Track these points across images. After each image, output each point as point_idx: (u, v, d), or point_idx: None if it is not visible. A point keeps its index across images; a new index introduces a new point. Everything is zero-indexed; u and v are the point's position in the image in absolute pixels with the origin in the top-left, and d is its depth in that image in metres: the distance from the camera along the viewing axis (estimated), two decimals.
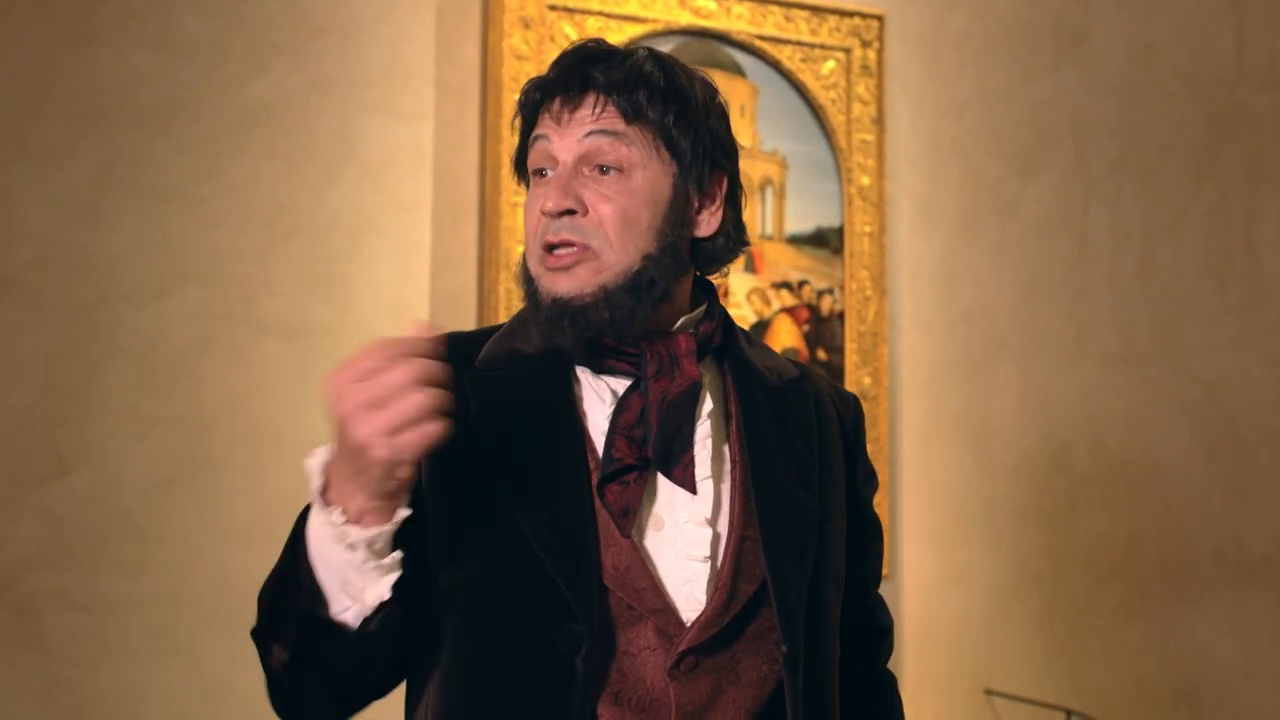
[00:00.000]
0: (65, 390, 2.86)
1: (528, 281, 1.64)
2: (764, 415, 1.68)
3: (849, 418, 1.81)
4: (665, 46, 3.37)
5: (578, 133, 1.61)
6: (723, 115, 1.72)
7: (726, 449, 1.66)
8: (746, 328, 3.38)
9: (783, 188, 3.49)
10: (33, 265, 2.84)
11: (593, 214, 1.60)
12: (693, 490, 1.59)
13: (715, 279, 1.76)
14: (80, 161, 2.88)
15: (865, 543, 1.80)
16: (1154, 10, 4.07)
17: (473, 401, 1.62)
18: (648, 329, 1.62)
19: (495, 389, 1.65)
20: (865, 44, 3.59)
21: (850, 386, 3.52)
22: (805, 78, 3.51)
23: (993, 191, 3.82)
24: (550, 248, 1.60)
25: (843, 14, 3.57)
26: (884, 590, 3.65)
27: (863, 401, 3.48)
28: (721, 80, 3.41)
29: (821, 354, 3.50)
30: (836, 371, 3.51)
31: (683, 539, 1.60)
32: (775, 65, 3.50)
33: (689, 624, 1.56)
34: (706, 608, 1.57)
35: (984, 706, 3.67)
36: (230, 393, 2.95)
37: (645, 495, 1.60)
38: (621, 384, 1.65)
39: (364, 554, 1.45)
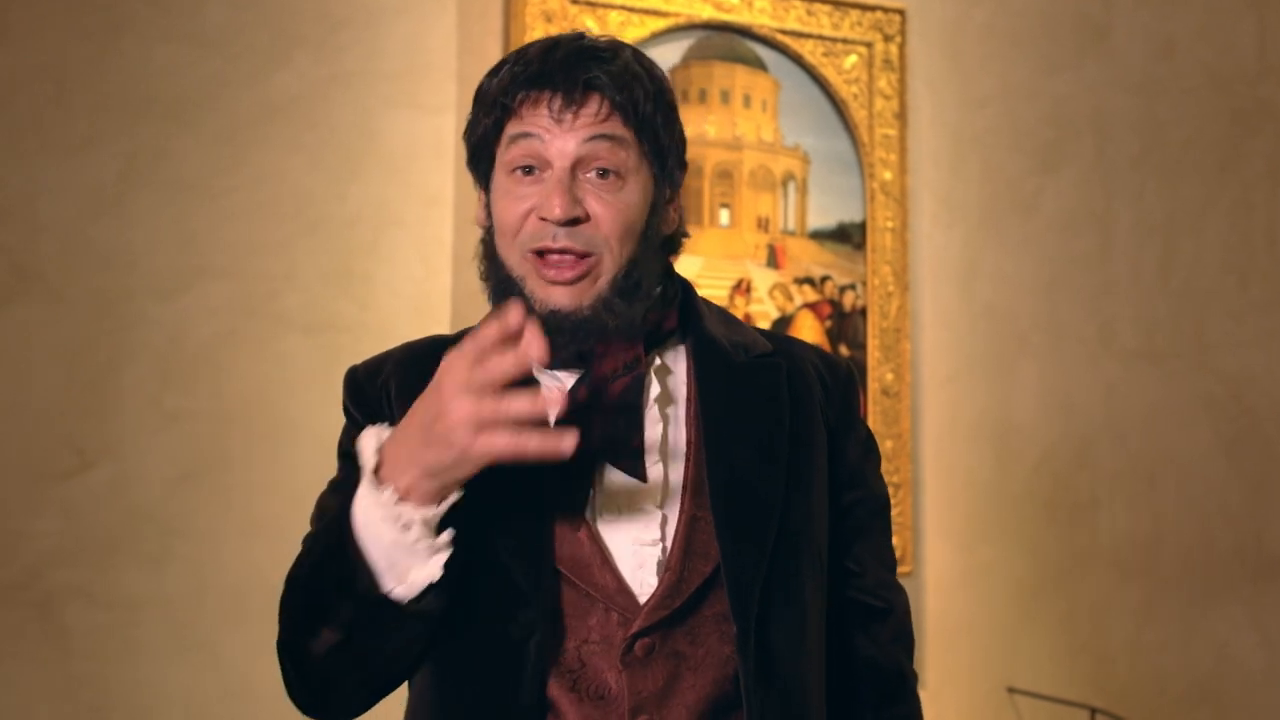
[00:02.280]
0: (87, 385, 2.85)
1: (507, 281, 1.62)
2: (724, 393, 1.66)
3: (837, 388, 1.77)
4: (687, 41, 3.37)
5: (580, 135, 1.59)
6: (679, 116, 1.72)
7: (681, 431, 1.65)
8: (769, 323, 3.39)
9: (805, 183, 3.48)
10: (55, 258, 2.83)
11: (595, 221, 1.59)
12: (641, 477, 1.59)
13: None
14: (103, 154, 2.87)
15: (862, 517, 1.75)
16: (1175, 5, 4.05)
17: None
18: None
19: None
20: (887, 38, 3.57)
21: (872, 383, 3.51)
22: (827, 72, 3.50)
23: (1014, 187, 3.81)
24: (544, 253, 1.59)
25: (865, 8, 3.55)
26: (906, 588, 3.63)
27: (885, 397, 3.50)
28: (743, 75, 3.41)
29: (844, 349, 3.48)
30: (859, 367, 3.50)
31: (634, 525, 1.59)
32: (797, 60, 3.48)
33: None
34: (656, 590, 1.57)
35: (1006, 704, 3.65)
36: (252, 387, 2.94)
37: (596, 484, 1.60)
38: (571, 376, 1.64)
39: (418, 532, 1.46)
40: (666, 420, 1.65)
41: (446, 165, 3.11)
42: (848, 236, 3.52)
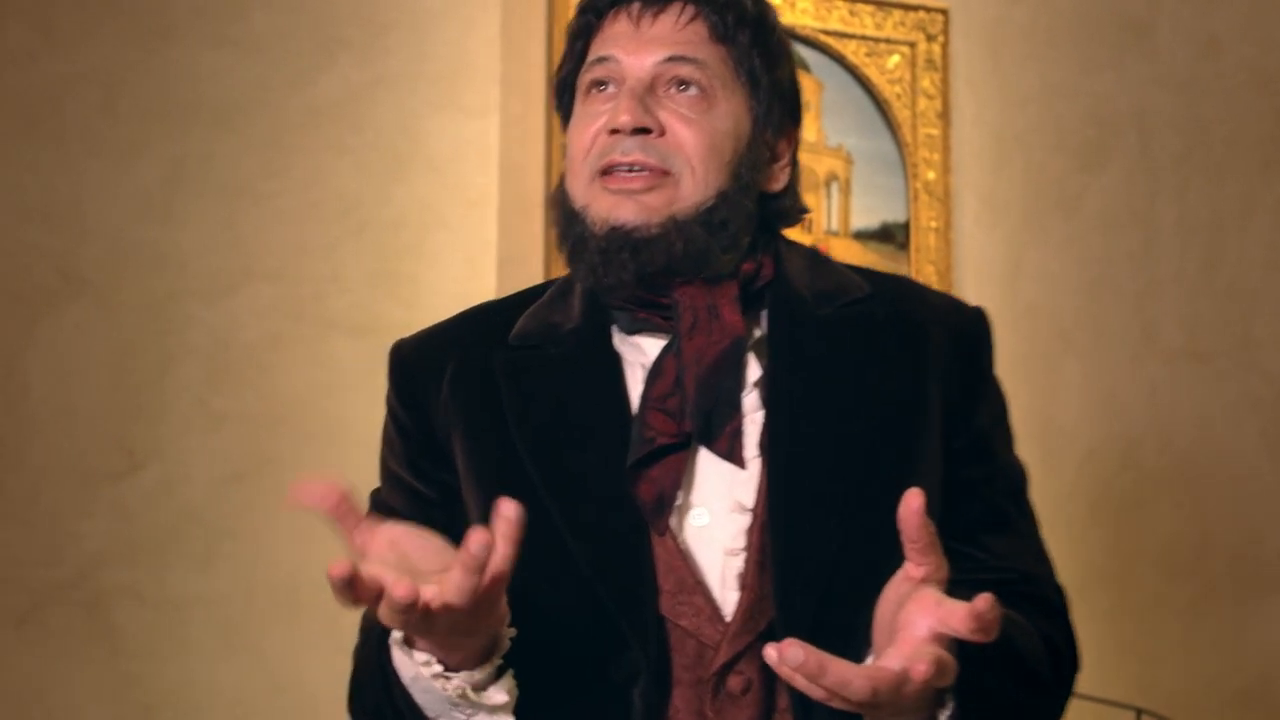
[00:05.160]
0: (136, 387, 2.88)
1: (570, 216, 1.43)
2: (795, 358, 1.41)
3: (963, 340, 1.52)
4: None
5: (657, 49, 1.41)
6: (794, 68, 1.53)
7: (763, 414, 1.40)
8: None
9: (848, 183, 3.48)
10: (104, 262, 2.86)
11: (671, 136, 1.40)
12: (740, 463, 1.35)
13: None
14: (151, 159, 2.90)
15: (994, 501, 1.47)
16: (1218, 3, 4.03)
17: (504, 388, 1.43)
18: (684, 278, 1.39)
19: (530, 372, 1.44)
20: (930, 38, 3.57)
21: None
22: (870, 72, 3.50)
23: (1057, 186, 3.79)
24: (610, 170, 1.39)
25: (907, 8, 3.55)
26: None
27: None
28: None
29: None
30: None
31: (725, 530, 1.36)
32: (840, 60, 3.48)
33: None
34: (735, 611, 1.34)
35: None
36: (299, 389, 2.96)
37: (685, 479, 1.36)
38: (656, 344, 1.42)
39: (470, 693, 1.25)
40: (758, 404, 1.41)
41: (490, 167, 3.13)
42: (891, 236, 3.52)
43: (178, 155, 2.92)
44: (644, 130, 1.38)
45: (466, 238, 3.10)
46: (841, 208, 3.47)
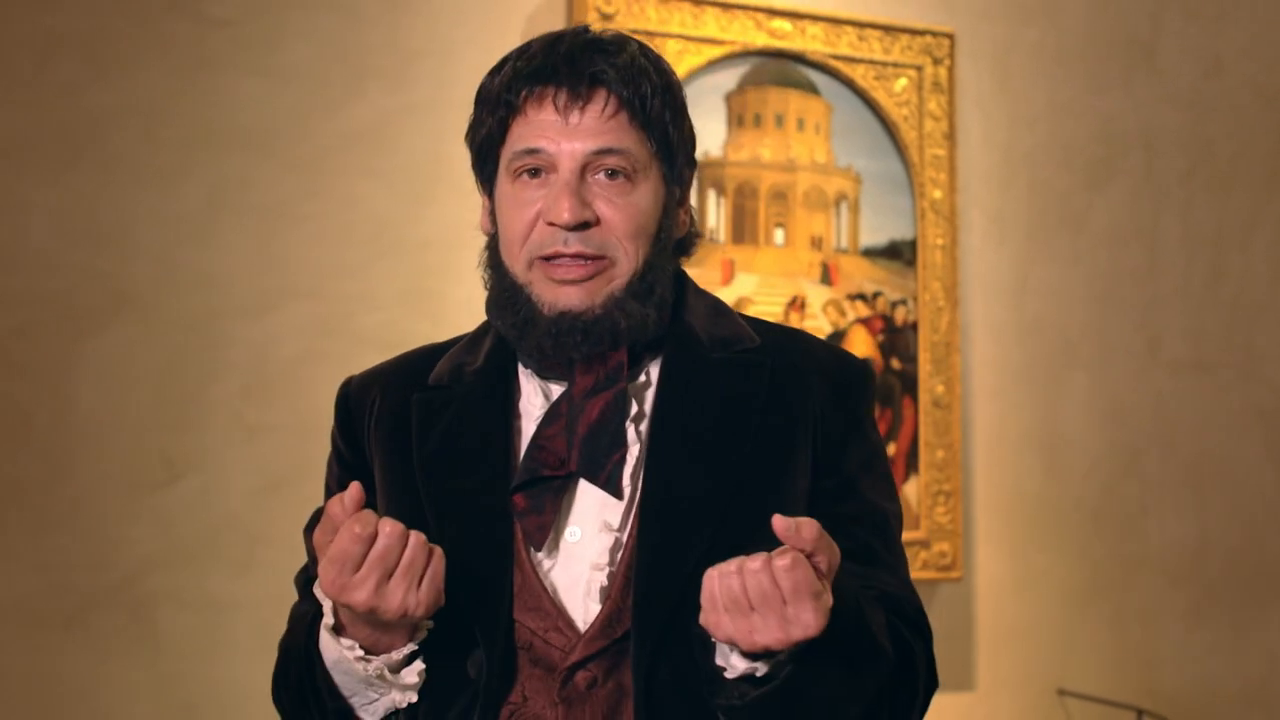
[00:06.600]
0: (177, 400, 2.99)
1: (511, 287, 1.56)
2: (681, 398, 1.56)
3: (843, 390, 1.61)
4: (743, 67, 3.47)
5: (587, 140, 1.51)
6: (686, 108, 1.62)
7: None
8: (823, 337, 3.46)
9: (857, 203, 3.58)
10: (148, 281, 2.98)
11: (605, 225, 1.52)
12: (618, 495, 1.51)
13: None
14: (192, 183, 3.02)
15: (860, 537, 1.55)
16: (1223, 22, 4.10)
17: (413, 421, 1.61)
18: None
19: (437, 408, 1.61)
20: (936, 61, 3.66)
21: (923, 395, 3.59)
22: (878, 95, 3.59)
23: (1063, 203, 3.88)
24: (554, 258, 1.52)
25: (914, 32, 3.64)
26: (957, 593, 3.65)
27: (936, 409, 3.58)
28: (797, 99, 3.51)
29: (895, 363, 3.58)
30: (910, 380, 3.59)
31: (593, 549, 1.52)
32: (849, 84, 3.57)
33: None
34: (595, 618, 1.50)
35: (1056, 706, 3.72)
36: (331, 403, 3.05)
37: (565, 505, 1.53)
38: (559, 389, 1.58)
39: (388, 674, 1.48)
40: (640, 438, 1.56)
41: None
42: (899, 253, 3.61)
43: (218, 180, 3.04)
44: (583, 225, 1.51)
45: None
46: (850, 226, 3.57)
